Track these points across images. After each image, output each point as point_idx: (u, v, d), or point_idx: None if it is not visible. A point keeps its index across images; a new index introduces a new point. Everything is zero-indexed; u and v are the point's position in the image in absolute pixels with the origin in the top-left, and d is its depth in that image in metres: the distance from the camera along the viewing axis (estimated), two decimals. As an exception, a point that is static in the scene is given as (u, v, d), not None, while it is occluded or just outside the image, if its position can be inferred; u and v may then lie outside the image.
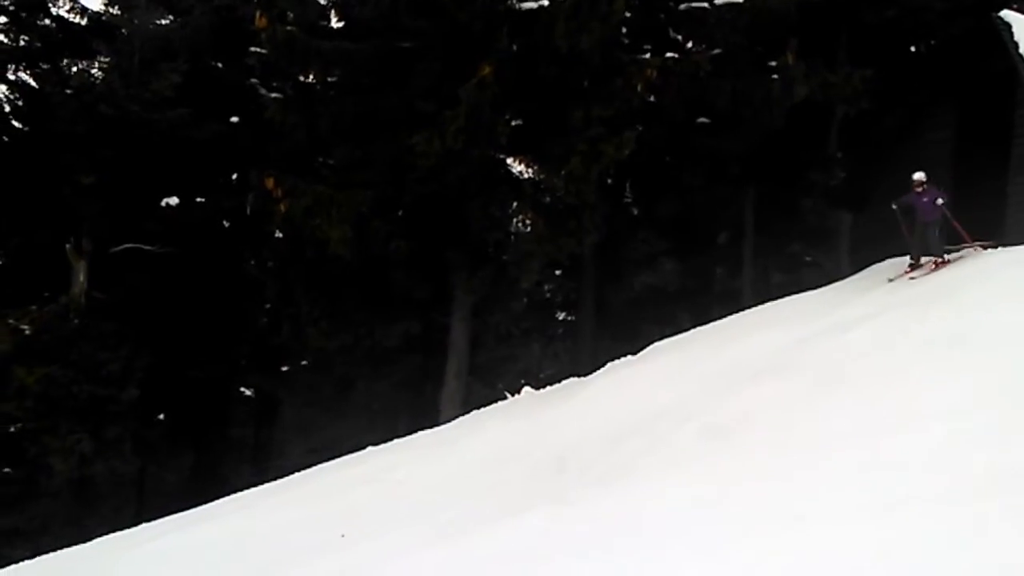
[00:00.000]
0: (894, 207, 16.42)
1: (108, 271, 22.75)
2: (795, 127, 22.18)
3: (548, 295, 30.48)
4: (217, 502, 14.41)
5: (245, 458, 26.27)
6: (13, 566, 13.62)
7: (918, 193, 15.95)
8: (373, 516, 10.32)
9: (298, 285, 23.89)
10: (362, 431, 19.85)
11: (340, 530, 9.78)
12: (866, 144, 23.46)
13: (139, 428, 22.99)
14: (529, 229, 22.29)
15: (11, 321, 21.13)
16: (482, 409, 17.08)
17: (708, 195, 24.19)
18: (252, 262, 25.74)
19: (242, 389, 27.68)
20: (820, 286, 17.86)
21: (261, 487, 15.04)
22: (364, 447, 15.91)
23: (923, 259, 15.85)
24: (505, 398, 17.63)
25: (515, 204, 22.32)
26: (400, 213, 21.20)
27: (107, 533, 14.55)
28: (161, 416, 24.96)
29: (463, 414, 17.99)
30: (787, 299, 17.08)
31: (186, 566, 10.34)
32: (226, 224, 25.67)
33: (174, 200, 24.11)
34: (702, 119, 22.78)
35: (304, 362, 25.74)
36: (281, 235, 25.42)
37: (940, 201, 15.65)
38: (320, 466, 15.29)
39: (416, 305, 23.27)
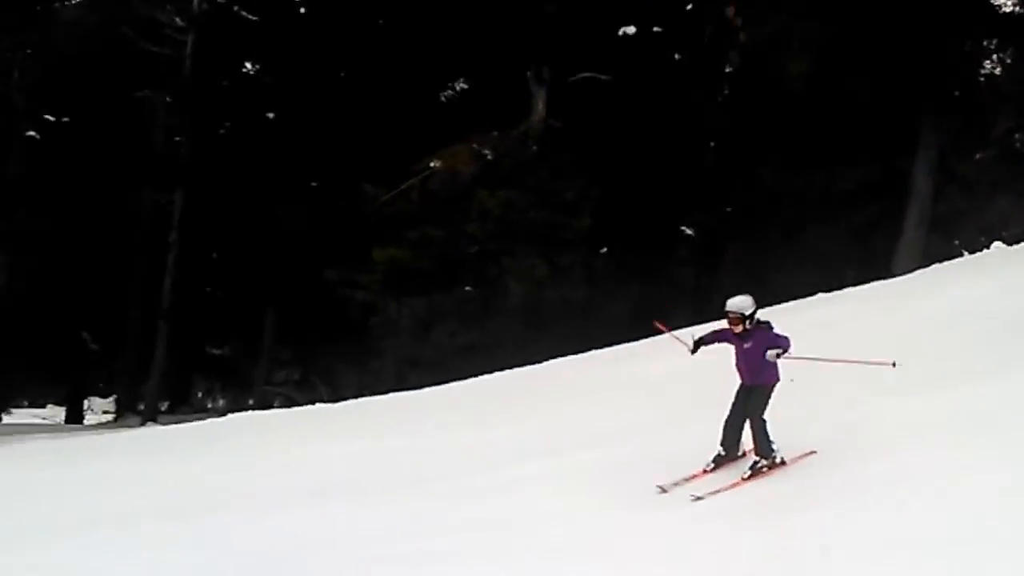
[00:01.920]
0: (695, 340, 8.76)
1: (565, 101, 23.36)
2: None
3: (1020, 145, 27.17)
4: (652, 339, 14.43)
5: (685, 298, 26.32)
6: (473, 378, 15.06)
7: (736, 334, 8.43)
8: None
9: (750, 122, 23.38)
10: (808, 278, 19.22)
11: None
12: None
13: (588, 257, 23.94)
14: (1007, 71, 20.24)
15: (475, 146, 22.62)
16: (942, 263, 16.48)
17: None
18: (703, 96, 25.25)
19: (683, 228, 27.62)
20: None
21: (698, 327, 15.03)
22: (813, 294, 15.74)
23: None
24: (962, 255, 16.58)
25: (994, 41, 20.17)
26: (865, 47, 20.01)
27: (554, 357, 15.39)
28: (606, 249, 25.62)
29: (920, 268, 17.41)
30: None
31: (617, 400, 11.39)
32: (678, 56, 25.29)
33: (631, 29, 23.99)
34: None
35: (750, 203, 25.14)
36: (732, 69, 24.82)
37: (774, 353, 8.15)
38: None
39: (876, 148, 22.02)
